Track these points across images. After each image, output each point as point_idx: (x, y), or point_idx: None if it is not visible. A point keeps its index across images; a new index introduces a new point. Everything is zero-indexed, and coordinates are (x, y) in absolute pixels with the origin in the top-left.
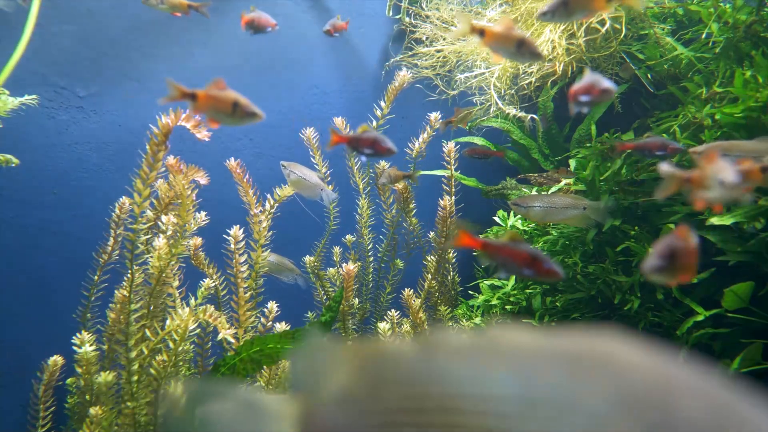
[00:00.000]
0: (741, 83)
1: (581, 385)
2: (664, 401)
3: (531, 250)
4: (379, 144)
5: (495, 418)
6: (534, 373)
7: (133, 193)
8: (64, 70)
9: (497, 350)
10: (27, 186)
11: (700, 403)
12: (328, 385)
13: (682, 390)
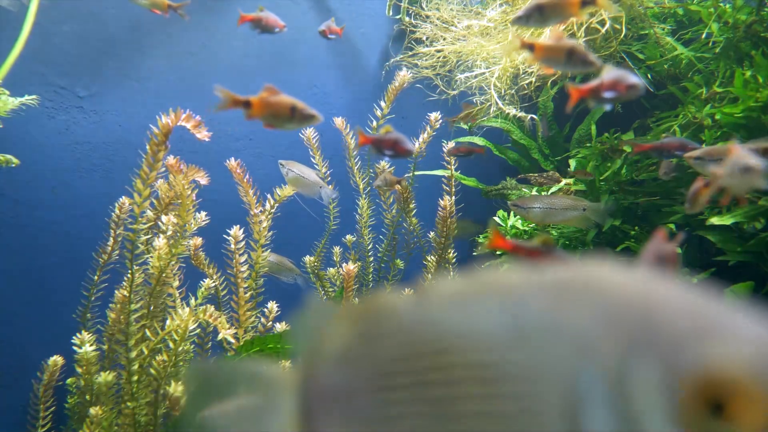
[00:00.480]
0: (741, 83)
1: (566, 308)
2: (645, 314)
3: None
4: (400, 145)
5: (486, 352)
6: (521, 305)
7: (133, 193)
8: (64, 70)
9: (487, 289)
10: (27, 186)
11: (680, 313)
12: (326, 346)
13: (663, 303)
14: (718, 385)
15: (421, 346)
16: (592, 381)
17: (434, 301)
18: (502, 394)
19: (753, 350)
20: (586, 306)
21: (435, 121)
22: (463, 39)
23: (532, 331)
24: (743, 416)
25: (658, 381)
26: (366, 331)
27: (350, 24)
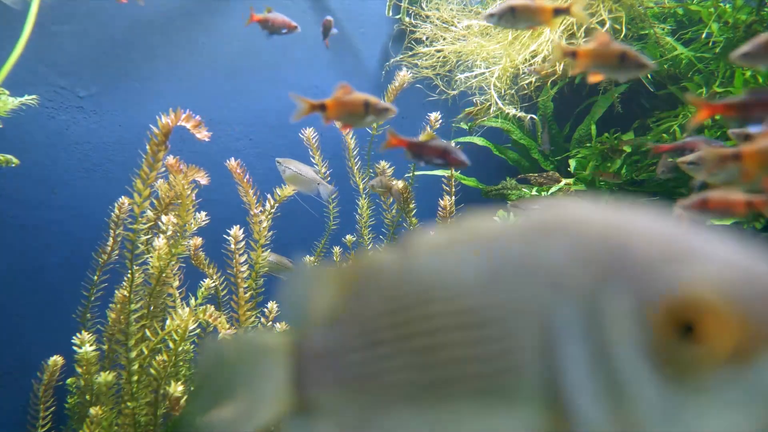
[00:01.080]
0: (741, 83)
1: (540, 247)
2: (617, 246)
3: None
4: (451, 155)
5: (465, 297)
6: (498, 248)
7: (133, 193)
8: (64, 70)
9: (466, 237)
10: (27, 186)
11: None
12: (317, 309)
13: (636, 233)
14: (687, 307)
15: (404, 298)
16: (567, 316)
17: (416, 253)
18: (482, 338)
19: (722, 272)
20: (559, 243)
21: (435, 121)
22: (463, 39)
23: (508, 273)
24: (712, 337)
25: (629, 309)
26: (353, 290)
27: (350, 24)
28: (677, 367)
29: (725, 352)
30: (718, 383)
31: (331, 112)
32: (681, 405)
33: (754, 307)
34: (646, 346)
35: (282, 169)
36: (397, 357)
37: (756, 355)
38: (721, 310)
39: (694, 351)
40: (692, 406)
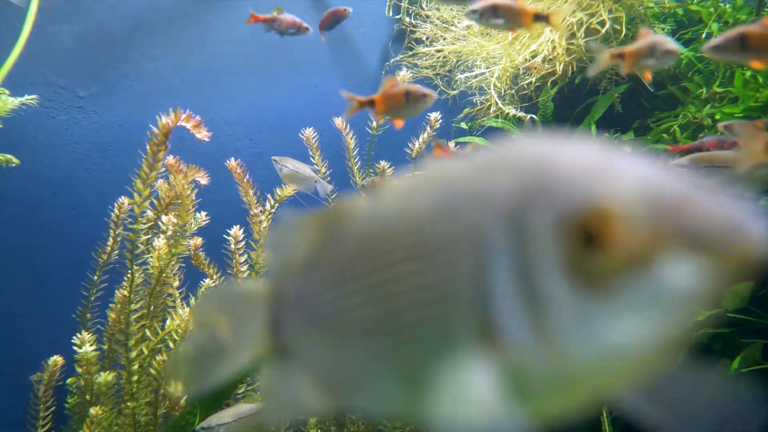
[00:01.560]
0: (741, 83)
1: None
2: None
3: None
4: None
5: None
6: (449, 183)
7: (133, 193)
8: (64, 70)
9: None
10: (27, 186)
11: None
12: (294, 255)
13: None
14: (591, 217)
15: (369, 238)
16: (497, 238)
17: (383, 198)
18: (427, 267)
19: (627, 185)
20: (496, 172)
21: (435, 121)
22: (463, 39)
23: (451, 204)
24: (615, 245)
25: (547, 225)
26: (327, 235)
27: (350, 24)
28: (587, 277)
29: (627, 258)
30: (623, 290)
31: (379, 107)
32: (592, 313)
33: (652, 215)
34: (560, 259)
35: (279, 168)
36: (360, 294)
37: (654, 259)
38: (622, 219)
39: (601, 259)
40: (602, 313)
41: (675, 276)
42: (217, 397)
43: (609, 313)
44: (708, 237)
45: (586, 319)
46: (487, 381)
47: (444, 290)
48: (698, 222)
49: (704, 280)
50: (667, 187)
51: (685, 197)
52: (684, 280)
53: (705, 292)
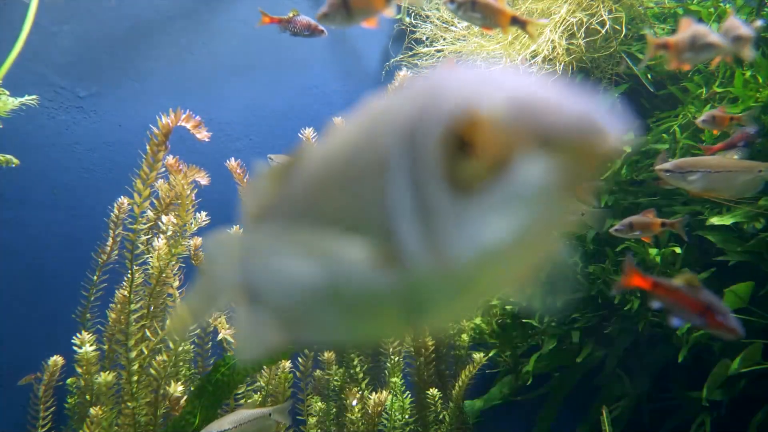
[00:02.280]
0: (741, 83)
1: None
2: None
3: (707, 297)
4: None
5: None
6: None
7: (133, 193)
8: (64, 70)
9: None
10: (27, 186)
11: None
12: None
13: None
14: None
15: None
16: (397, 158)
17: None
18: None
19: (495, 94)
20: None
21: None
22: (463, 39)
23: (367, 133)
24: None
25: (432, 136)
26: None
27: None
28: (463, 183)
29: (493, 160)
30: (491, 191)
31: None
32: (468, 217)
33: (512, 119)
34: (441, 168)
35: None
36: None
37: (515, 160)
38: (486, 123)
39: (472, 164)
40: (476, 216)
41: (534, 174)
42: (217, 397)
43: (482, 215)
44: (561, 134)
45: (464, 223)
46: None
47: (359, 214)
48: (552, 121)
49: (562, 176)
50: (528, 93)
51: (542, 100)
52: (543, 177)
53: (564, 187)
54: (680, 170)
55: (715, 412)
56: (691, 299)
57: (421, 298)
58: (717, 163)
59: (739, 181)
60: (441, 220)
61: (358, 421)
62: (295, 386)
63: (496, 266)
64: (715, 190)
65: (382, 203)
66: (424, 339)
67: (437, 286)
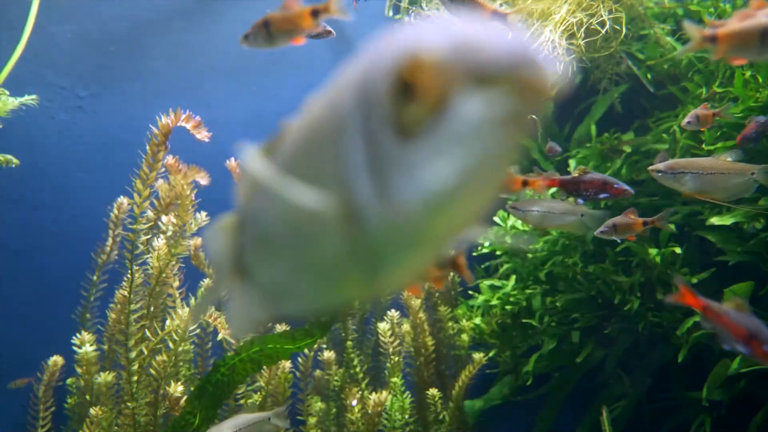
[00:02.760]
0: (741, 83)
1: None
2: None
3: (751, 324)
4: (612, 186)
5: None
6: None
7: (133, 193)
8: (64, 70)
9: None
10: (27, 186)
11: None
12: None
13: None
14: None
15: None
16: (354, 113)
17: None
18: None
19: (438, 38)
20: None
21: None
22: None
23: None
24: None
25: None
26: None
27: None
28: (407, 127)
29: (434, 101)
30: (434, 133)
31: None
32: (414, 161)
33: (451, 59)
34: (388, 115)
35: None
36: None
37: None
38: (427, 65)
39: (416, 107)
40: (421, 159)
41: (474, 110)
42: (217, 397)
43: (428, 159)
44: (495, 68)
45: (411, 169)
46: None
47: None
48: (486, 57)
49: (501, 110)
50: (465, 34)
51: (478, 39)
52: (482, 112)
53: (505, 121)
54: (672, 171)
55: (715, 412)
56: (737, 326)
57: (379, 252)
58: (709, 165)
59: (731, 183)
60: (390, 168)
61: (358, 421)
62: (295, 386)
63: (445, 209)
64: (707, 192)
65: (340, 161)
66: (424, 338)
67: (392, 237)
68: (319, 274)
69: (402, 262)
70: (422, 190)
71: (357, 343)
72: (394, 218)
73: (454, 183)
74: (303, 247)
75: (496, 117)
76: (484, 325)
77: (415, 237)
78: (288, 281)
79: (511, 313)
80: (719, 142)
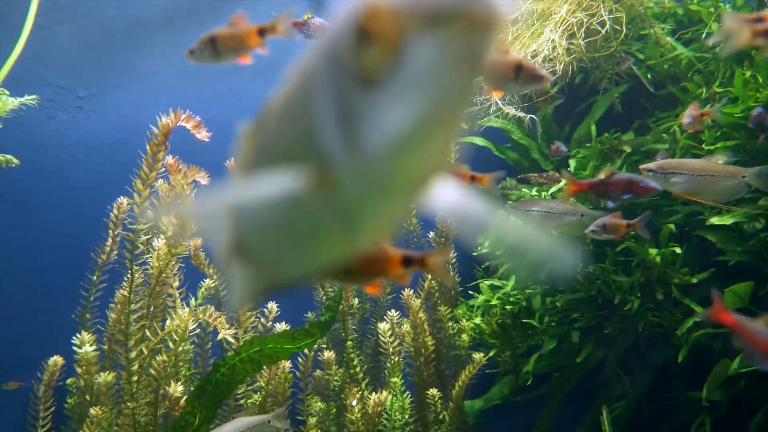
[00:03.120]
0: (741, 83)
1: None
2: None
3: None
4: (638, 185)
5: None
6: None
7: (133, 193)
8: (64, 70)
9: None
10: (27, 186)
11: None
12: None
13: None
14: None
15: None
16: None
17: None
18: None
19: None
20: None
21: None
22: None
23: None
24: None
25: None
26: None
27: None
28: (368, 75)
29: (391, 46)
30: (391, 79)
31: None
32: (377, 109)
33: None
34: (352, 66)
35: None
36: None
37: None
38: (383, 12)
39: (373, 53)
40: (384, 107)
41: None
42: (217, 397)
43: (389, 103)
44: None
45: (374, 115)
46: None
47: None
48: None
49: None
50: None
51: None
52: (437, 53)
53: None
54: (663, 171)
55: (715, 412)
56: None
57: (354, 205)
58: (700, 167)
59: (721, 186)
60: (357, 118)
61: (358, 421)
62: (295, 386)
63: (409, 152)
64: (697, 193)
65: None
66: (424, 338)
67: (364, 187)
68: (303, 237)
69: (377, 213)
70: (386, 136)
71: (357, 343)
72: (363, 168)
73: (415, 125)
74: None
75: (450, 57)
76: (484, 325)
77: (385, 184)
78: (278, 249)
79: (511, 313)
80: (719, 142)
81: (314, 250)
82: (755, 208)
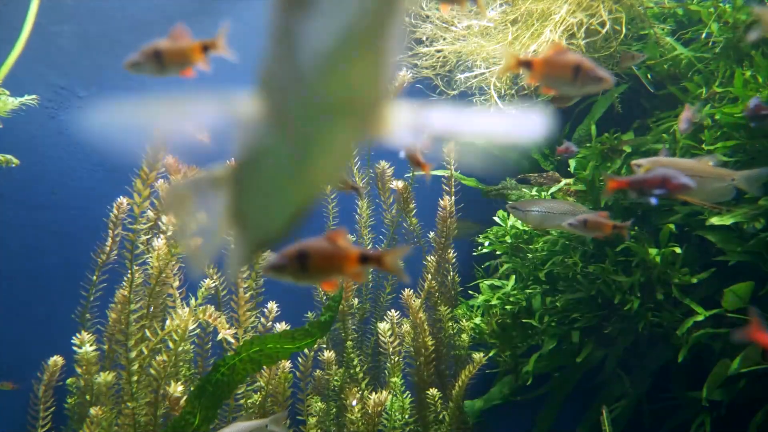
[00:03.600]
0: (741, 83)
1: None
2: None
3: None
4: (671, 181)
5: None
6: None
7: (133, 193)
8: (64, 70)
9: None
10: (27, 186)
11: None
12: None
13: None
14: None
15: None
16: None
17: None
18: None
19: None
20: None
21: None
22: (463, 39)
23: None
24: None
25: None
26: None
27: None
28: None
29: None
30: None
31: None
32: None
33: None
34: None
35: None
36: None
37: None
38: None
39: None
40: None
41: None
42: (217, 397)
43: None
44: None
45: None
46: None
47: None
48: None
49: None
50: None
51: None
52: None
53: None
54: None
55: (715, 412)
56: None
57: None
58: (690, 168)
59: (710, 188)
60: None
61: (358, 421)
62: (295, 386)
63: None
64: (686, 194)
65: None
66: (424, 338)
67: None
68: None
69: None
70: (316, 54)
71: (357, 343)
72: (303, 92)
73: (338, 40)
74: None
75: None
76: (484, 325)
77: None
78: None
79: (511, 313)
80: (719, 142)
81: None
82: (755, 208)
